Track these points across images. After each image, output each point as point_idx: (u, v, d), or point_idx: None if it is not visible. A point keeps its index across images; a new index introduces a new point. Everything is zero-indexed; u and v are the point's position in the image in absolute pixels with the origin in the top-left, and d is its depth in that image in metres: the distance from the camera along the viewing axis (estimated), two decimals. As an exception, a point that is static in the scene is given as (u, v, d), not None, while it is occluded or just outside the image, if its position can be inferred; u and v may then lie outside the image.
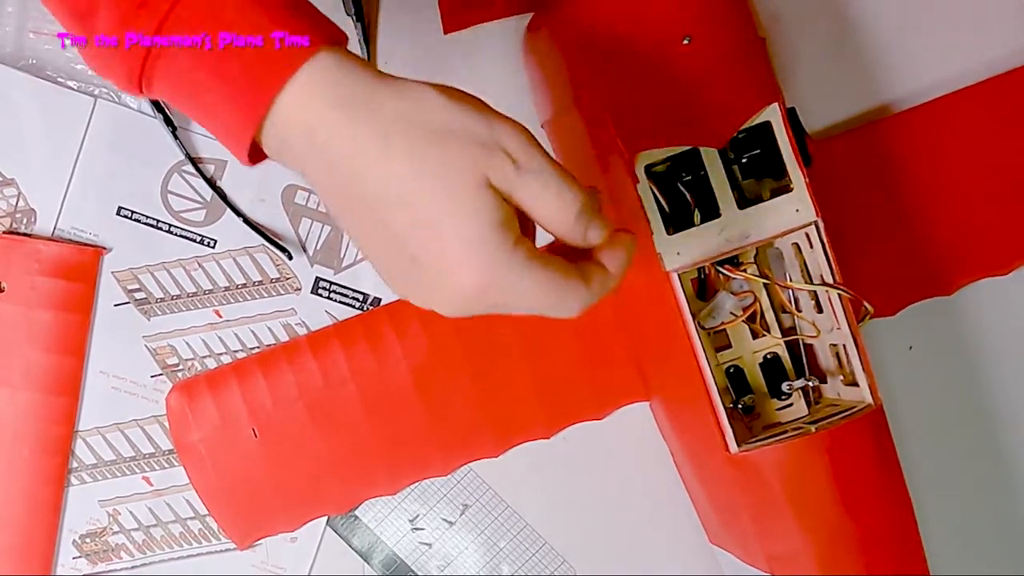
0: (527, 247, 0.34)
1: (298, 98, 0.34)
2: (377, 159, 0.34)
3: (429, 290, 0.35)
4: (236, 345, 0.56)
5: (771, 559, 0.48)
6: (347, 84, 0.35)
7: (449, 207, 0.34)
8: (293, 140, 0.35)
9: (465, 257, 0.34)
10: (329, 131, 0.34)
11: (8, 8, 0.53)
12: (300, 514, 0.55)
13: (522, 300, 0.35)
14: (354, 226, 0.36)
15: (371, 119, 0.34)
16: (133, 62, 0.36)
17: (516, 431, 0.55)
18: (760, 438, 0.46)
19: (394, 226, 0.34)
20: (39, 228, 0.55)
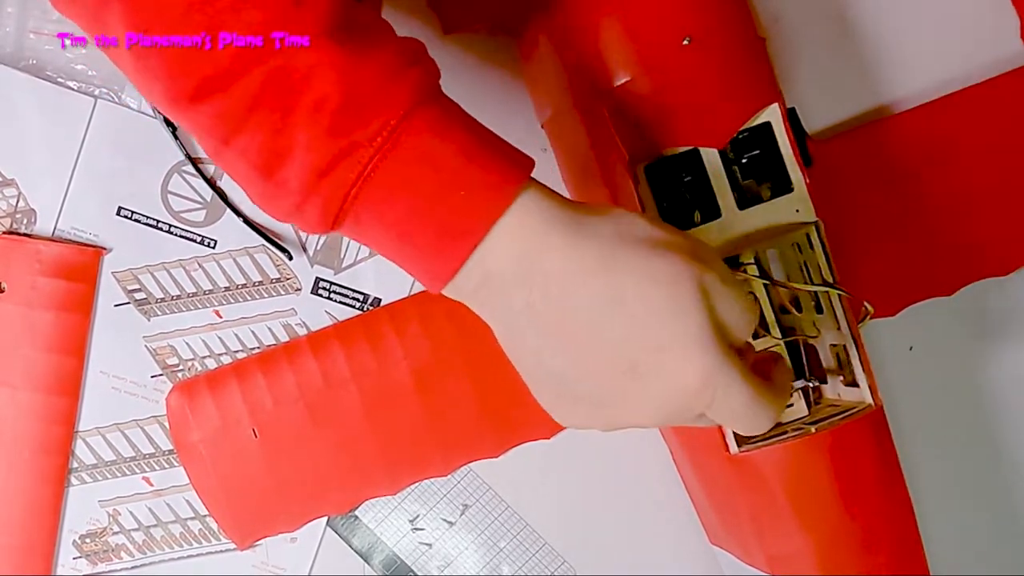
0: (737, 358, 0.36)
1: (511, 227, 0.36)
2: (599, 273, 0.36)
3: (641, 401, 0.36)
4: (236, 345, 0.56)
5: (771, 559, 0.48)
6: (555, 210, 0.36)
7: (675, 309, 0.35)
8: (503, 268, 0.36)
9: (691, 356, 0.35)
10: (544, 252, 0.36)
11: (8, 8, 0.53)
12: (300, 514, 0.55)
13: (730, 409, 0.36)
14: (560, 349, 0.36)
15: (589, 239, 0.36)
16: (329, 208, 0.36)
17: (516, 431, 0.55)
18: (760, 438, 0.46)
19: (613, 338, 0.35)
20: (39, 228, 0.55)
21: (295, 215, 0.37)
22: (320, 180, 0.36)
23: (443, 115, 0.36)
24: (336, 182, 0.36)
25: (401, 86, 0.36)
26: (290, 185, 0.36)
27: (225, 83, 0.35)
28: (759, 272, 0.50)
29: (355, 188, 0.36)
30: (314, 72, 0.35)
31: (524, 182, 0.36)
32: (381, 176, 0.36)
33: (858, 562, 0.46)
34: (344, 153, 0.35)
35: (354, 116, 0.35)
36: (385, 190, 0.36)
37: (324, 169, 0.35)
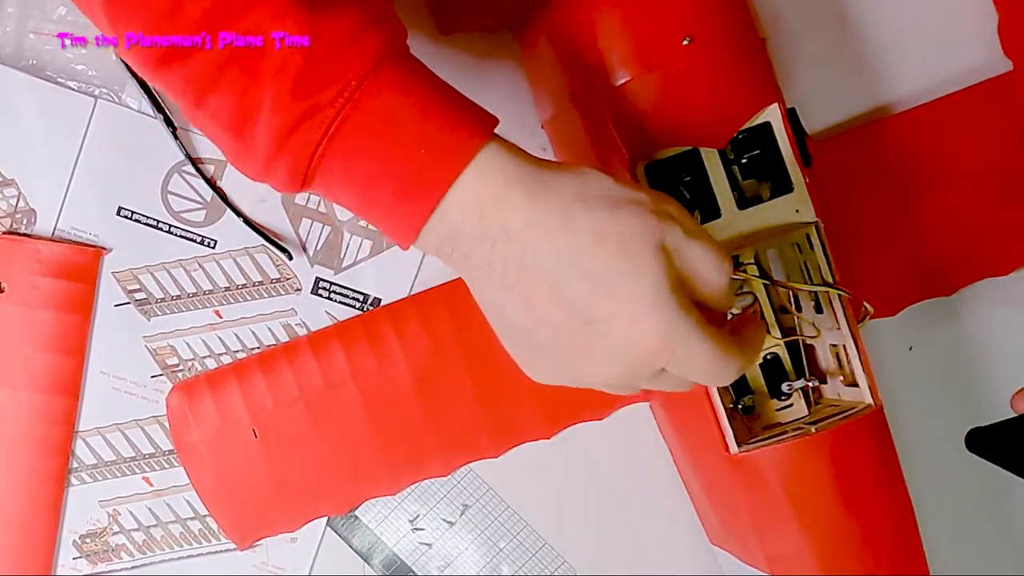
0: (697, 313, 0.36)
1: (471, 185, 0.37)
2: (557, 232, 0.36)
3: (601, 357, 0.36)
4: (236, 345, 0.56)
5: (771, 559, 0.48)
6: (516, 168, 0.37)
7: (630, 269, 0.35)
8: (463, 225, 0.37)
9: (646, 315, 0.35)
10: (504, 210, 0.36)
11: (8, 8, 0.53)
12: (300, 514, 0.55)
13: (691, 364, 0.36)
14: (520, 305, 0.37)
15: (549, 197, 0.36)
16: (296, 168, 0.37)
17: (516, 431, 0.55)
18: (760, 438, 0.46)
19: (570, 296, 0.36)
20: (39, 228, 0.55)
21: (266, 174, 0.38)
22: (286, 141, 0.36)
23: (405, 75, 0.37)
24: (301, 143, 0.36)
25: (362, 47, 0.36)
26: (259, 145, 0.37)
27: (190, 49, 0.36)
28: (759, 272, 0.50)
29: (320, 148, 0.36)
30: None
31: (484, 140, 0.37)
32: (344, 137, 0.36)
33: (858, 562, 0.46)
34: (307, 114, 0.36)
35: (316, 78, 0.36)
36: (348, 150, 0.37)
37: (289, 130, 0.36)
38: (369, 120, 0.36)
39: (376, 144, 0.37)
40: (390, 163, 0.37)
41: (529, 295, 0.37)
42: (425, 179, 0.37)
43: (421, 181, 0.37)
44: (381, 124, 0.36)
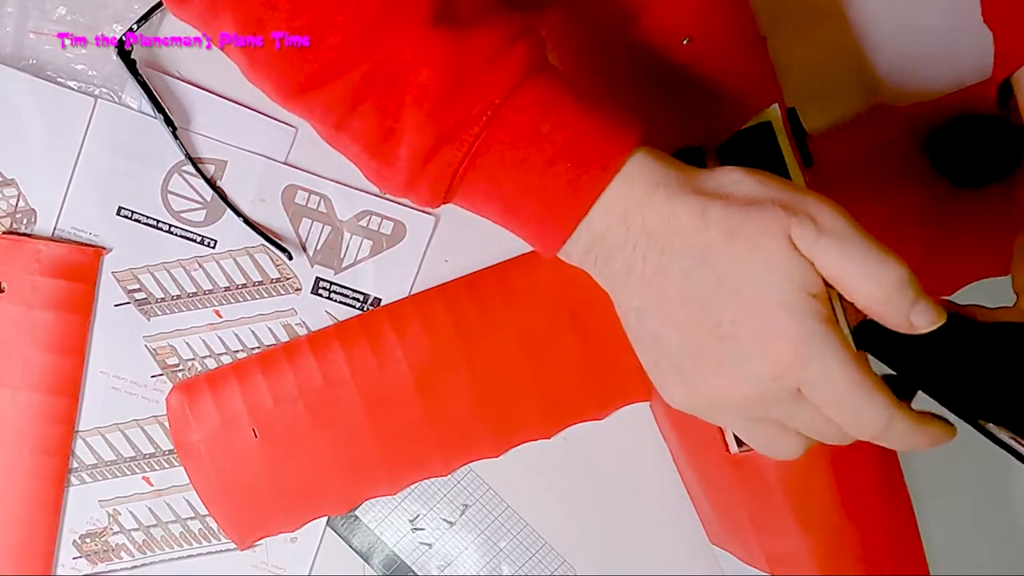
0: (841, 333, 0.34)
1: (616, 193, 0.37)
2: (692, 229, 0.35)
3: (730, 367, 0.34)
4: (236, 345, 0.56)
5: (771, 559, 0.48)
6: (660, 172, 0.37)
7: (758, 266, 0.34)
8: (608, 232, 0.37)
9: (775, 317, 0.33)
10: (646, 213, 0.36)
11: (8, 8, 0.53)
12: (300, 514, 0.55)
13: (828, 387, 0.33)
14: (653, 307, 0.36)
15: (687, 195, 0.36)
16: (438, 186, 0.38)
17: (516, 431, 0.55)
18: (760, 438, 0.46)
19: (699, 294, 0.35)
20: (39, 228, 0.55)
21: (407, 191, 0.39)
22: (427, 162, 0.37)
23: (548, 89, 0.37)
24: (443, 163, 0.37)
25: (505, 65, 0.36)
26: (400, 165, 0.38)
27: (330, 76, 0.37)
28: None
29: (462, 167, 0.37)
30: (417, 60, 0.36)
31: (630, 151, 0.37)
32: (487, 154, 0.37)
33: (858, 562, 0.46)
34: (450, 134, 0.36)
35: (457, 99, 0.36)
36: (490, 169, 0.37)
37: (430, 151, 0.37)
38: (512, 138, 0.37)
39: (520, 160, 0.37)
40: (535, 178, 0.37)
41: (661, 295, 0.36)
42: (571, 193, 0.36)
43: (567, 195, 0.37)
44: (526, 140, 0.36)
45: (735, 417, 0.37)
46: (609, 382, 0.55)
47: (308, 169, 0.55)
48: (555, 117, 0.36)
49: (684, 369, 0.36)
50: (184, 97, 0.54)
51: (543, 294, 0.54)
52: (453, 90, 0.36)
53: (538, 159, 0.36)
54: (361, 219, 0.55)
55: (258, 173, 0.55)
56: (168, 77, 0.54)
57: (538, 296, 0.54)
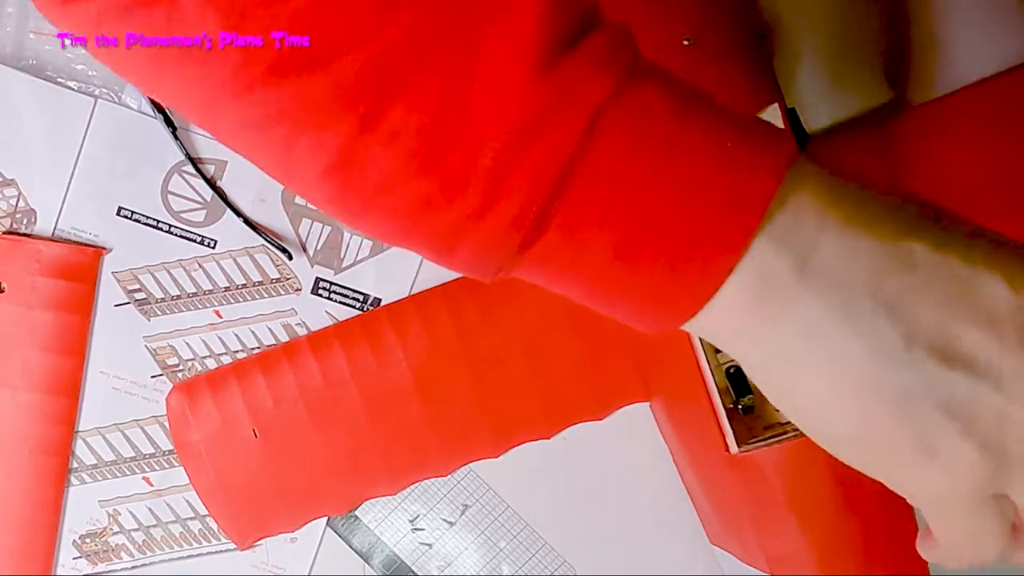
0: None
1: (790, 209, 0.27)
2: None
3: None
4: (236, 345, 0.56)
5: (771, 559, 0.48)
6: (835, 187, 0.28)
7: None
8: (780, 265, 0.27)
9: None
10: (831, 251, 0.27)
11: (8, 8, 0.53)
12: (300, 514, 0.55)
13: None
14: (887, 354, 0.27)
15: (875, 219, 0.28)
16: (520, 219, 0.27)
17: (516, 431, 0.55)
18: (760, 438, 0.46)
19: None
20: (39, 228, 0.55)
21: (462, 227, 0.27)
22: (514, 168, 0.26)
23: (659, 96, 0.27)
24: (534, 168, 0.26)
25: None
26: (466, 179, 0.26)
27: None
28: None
29: (568, 162, 0.26)
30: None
31: (789, 164, 0.28)
32: (603, 148, 0.26)
33: (858, 562, 0.46)
34: (552, 108, 0.26)
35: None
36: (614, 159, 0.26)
37: (524, 138, 0.25)
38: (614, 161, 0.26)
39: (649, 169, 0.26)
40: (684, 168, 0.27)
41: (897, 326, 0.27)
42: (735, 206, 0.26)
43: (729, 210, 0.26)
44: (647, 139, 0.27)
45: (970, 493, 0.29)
46: (609, 382, 0.55)
47: (308, 169, 0.55)
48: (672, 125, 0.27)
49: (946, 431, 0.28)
50: (184, 97, 0.54)
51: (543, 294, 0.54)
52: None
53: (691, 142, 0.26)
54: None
55: (258, 173, 0.54)
56: (168, 77, 0.54)
57: (538, 296, 0.54)
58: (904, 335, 0.27)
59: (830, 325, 0.27)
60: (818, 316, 0.27)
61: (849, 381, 0.27)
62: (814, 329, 0.27)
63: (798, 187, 0.27)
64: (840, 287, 0.27)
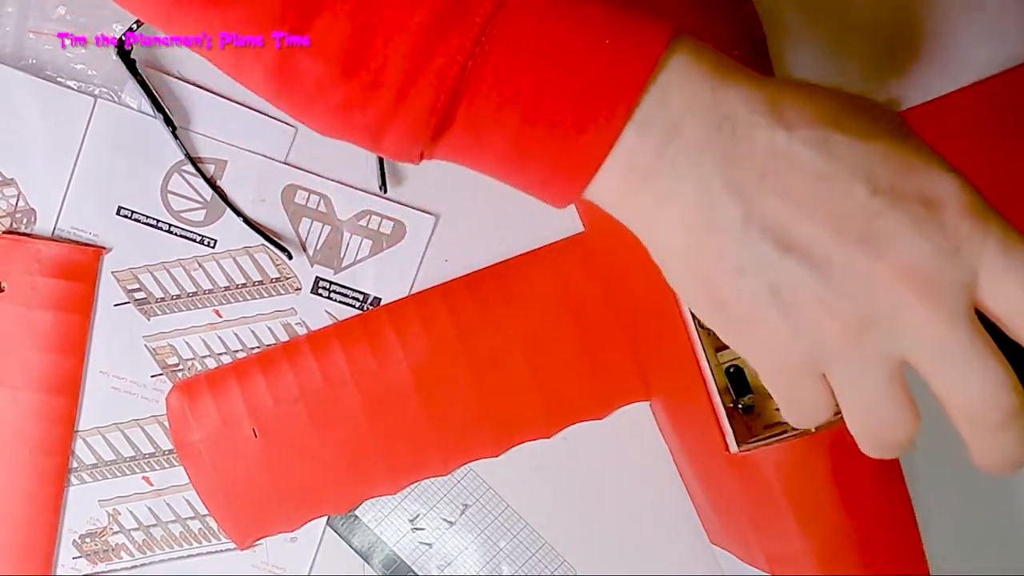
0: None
1: (680, 72, 0.30)
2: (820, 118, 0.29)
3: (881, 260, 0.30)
4: (236, 345, 0.56)
5: (771, 559, 0.48)
6: (725, 62, 0.31)
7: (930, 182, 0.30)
8: (683, 115, 0.30)
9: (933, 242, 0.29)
10: (731, 91, 0.30)
11: (8, 8, 0.53)
12: (300, 514, 0.55)
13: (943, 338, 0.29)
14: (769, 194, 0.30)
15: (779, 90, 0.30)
16: (433, 102, 0.30)
17: (516, 431, 0.55)
18: (760, 438, 0.46)
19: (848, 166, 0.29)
20: (39, 228, 0.55)
21: (386, 125, 0.31)
22: (422, 66, 0.29)
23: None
24: (441, 63, 0.29)
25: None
26: (381, 81, 0.30)
27: None
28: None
29: (468, 62, 0.30)
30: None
31: (675, 35, 0.30)
32: (499, 40, 0.29)
33: (858, 562, 0.46)
34: (450, 23, 0.29)
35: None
36: (508, 57, 0.30)
37: (425, 51, 0.29)
38: (530, 17, 0.30)
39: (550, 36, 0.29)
40: (568, 56, 0.29)
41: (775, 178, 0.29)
42: (625, 62, 0.29)
43: (619, 67, 0.29)
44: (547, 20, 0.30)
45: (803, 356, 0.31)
46: (609, 382, 0.55)
47: (308, 169, 0.55)
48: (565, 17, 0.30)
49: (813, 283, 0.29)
50: (184, 97, 0.54)
51: (543, 294, 0.55)
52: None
53: (572, 35, 0.29)
54: (361, 219, 0.55)
55: (258, 173, 0.55)
56: (168, 77, 0.54)
57: (538, 296, 0.54)
58: (742, 215, 0.29)
59: (682, 192, 0.30)
60: (672, 186, 0.30)
61: (694, 246, 0.30)
62: (670, 196, 0.30)
63: (677, 67, 0.30)
64: (694, 162, 0.30)
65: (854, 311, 0.29)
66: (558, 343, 0.54)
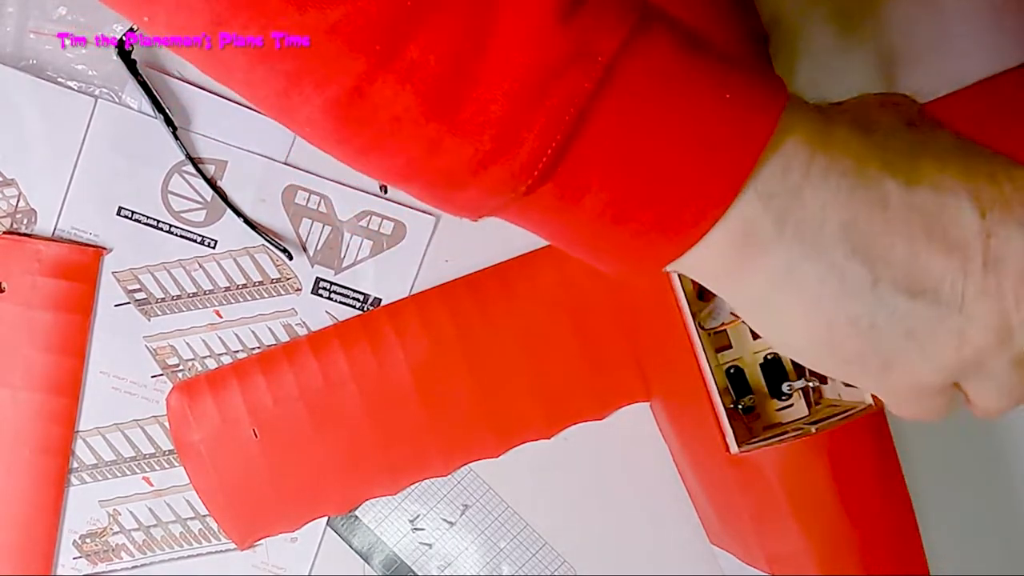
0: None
1: (794, 127, 0.29)
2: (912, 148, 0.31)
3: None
4: (236, 345, 0.56)
5: (771, 559, 0.48)
6: (827, 134, 0.30)
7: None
8: (751, 236, 0.29)
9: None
10: (811, 200, 0.29)
11: (8, 8, 0.53)
12: (300, 514, 0.55)
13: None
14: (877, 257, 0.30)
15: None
16: (541, 148, 0.27)
17: (516, 431, 0.55)
18: (760, 438, 0.46)
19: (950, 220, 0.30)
20: (39, 228, 0.55)
21: (476, 172, 0.27)
22: (531, 110, 0.26)
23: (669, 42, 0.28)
24: (550, 110, 0.26)
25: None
26: (478, 121, 0.26)
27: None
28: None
29: (588, 103, 0.26)
30: None
31: (780, 111, 0.29)
32: (618, 83, 0.27)
33: (858, 562, 0.46)
34: (569, 59, 0.26)
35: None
36: (628, 98, 0.27)
37: (535, 96, 0.26)
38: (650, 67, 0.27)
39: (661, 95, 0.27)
40: (688, 107, 0.27)
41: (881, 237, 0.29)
42: (748, 122, 0.28)
43: (742, 126, 0.28)
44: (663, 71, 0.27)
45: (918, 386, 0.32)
46: (609, 382, 0.55)
47: (308, 169, 0.55)
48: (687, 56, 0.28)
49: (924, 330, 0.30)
50: (184, 97, 0.54)
51: (543, 294, 0.55)
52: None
53: (694, 85, 0.27)
54: (361, 219, 0.55)
55: (258, 173, 0.55)
56: (168, 77, 0.54)
57: (538, 296, 0.54)
58: (871, 276, 0.29)
59: (804, 269, 0.29)
60: (793, 262, 0.29)
61: (821, 319, 0.30)
62: (789, 273, 0.29)
63: (790, 131, 0.29)
64: (816, 235, 0.29)
65: (990, 333, 0.30)
66: (558, 343, 0.54)
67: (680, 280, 0.45)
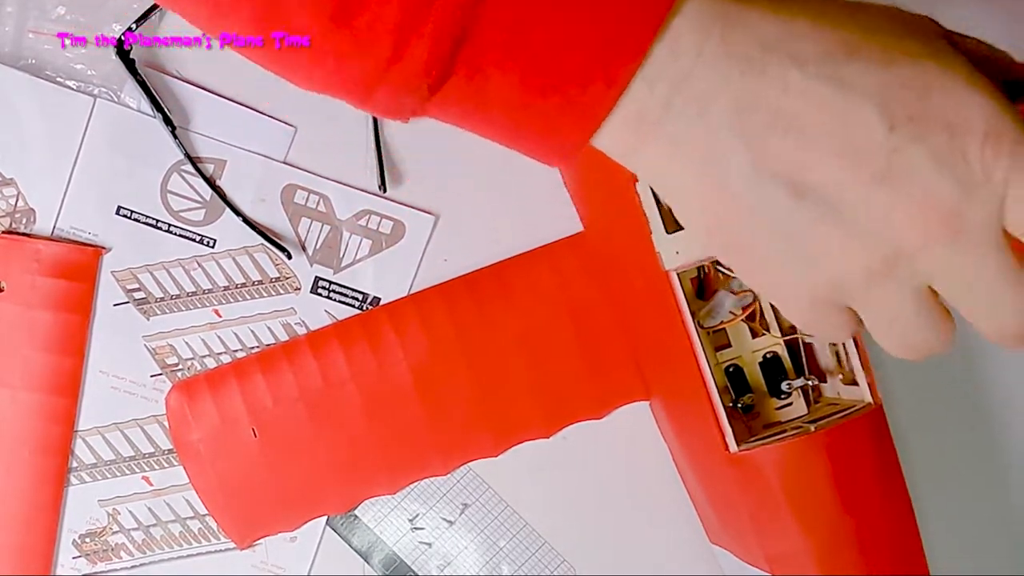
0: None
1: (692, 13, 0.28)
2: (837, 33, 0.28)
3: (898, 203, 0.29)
4: (236, 345, 0.56)
5: (771, 559, 0.48)
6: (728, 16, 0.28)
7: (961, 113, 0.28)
8: (700, 57, 0.28)
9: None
10: (736, 32, 0.28)
11: (8, 8, 0.53)
12: (300, 514, 0.55)
13: (974, 267, 0.29)
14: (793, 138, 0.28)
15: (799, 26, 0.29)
16: (440, 44, 0.28)
17: (516, 431, 0.55)
18: (760, 437, 0.46)
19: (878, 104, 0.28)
20: (39, 228, 0.55)
21: (387, 72, 0.29)
22: (419, 17, 0.28)
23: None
24: (438, 15, 0.27)
25: None
26: (374, 29, 0.28)
27: None
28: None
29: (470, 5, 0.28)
30: None
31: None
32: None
33: (858, 562, 0.46)
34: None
35: None
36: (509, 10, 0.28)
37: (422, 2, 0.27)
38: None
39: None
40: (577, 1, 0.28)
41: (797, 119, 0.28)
42: (636, 10, 0.28)
43: (629, 15, 0.28)
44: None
45: (831, 284, 0.30)
46: (608, 381, 0.55)
47: (307, 168, 0.55)
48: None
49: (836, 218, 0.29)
50: (183, 97, 0.54)
51: (543, 294, 0.55)
52: None
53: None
54: (360, 218, 0.55)
55: (257, 173, 0.55)
56: (167, 77, 0.54)
57: (537, 295, 0.54)
58: (752, 163, 0.29)
59: (688, 142, 0.29)
60: (678, 136, 0.29)
61: (705, 199, 0.30)
62: (675, 146, 0.30)
63: (685, 13, 0.28)
64: (702, 112, 0.29)
65: (875, 251, 0.29)
66: (558, 343, 0.54)
67: (679, 279, 0.45)
